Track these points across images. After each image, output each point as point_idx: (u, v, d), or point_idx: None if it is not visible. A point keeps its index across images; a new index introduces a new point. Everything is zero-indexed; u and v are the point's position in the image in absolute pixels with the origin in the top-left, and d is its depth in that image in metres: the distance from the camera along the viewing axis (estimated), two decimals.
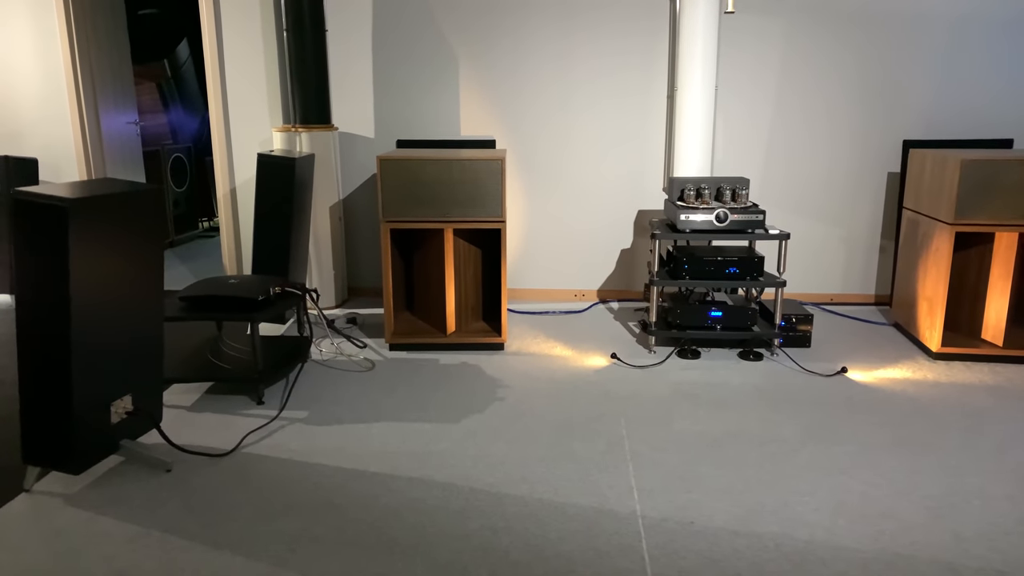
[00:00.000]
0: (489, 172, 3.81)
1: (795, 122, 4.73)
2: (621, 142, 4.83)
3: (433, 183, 3.82)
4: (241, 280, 3.54)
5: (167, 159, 6.78)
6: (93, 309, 2.52)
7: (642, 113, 4.79)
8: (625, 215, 4.93)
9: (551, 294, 5.08)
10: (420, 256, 4.25)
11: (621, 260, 5.00)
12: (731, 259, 3.87)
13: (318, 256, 4.75)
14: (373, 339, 4.23)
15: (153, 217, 2.76)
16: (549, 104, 4.82)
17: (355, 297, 5.13)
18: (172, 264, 6.16)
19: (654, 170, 4.86)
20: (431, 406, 3.32)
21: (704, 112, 4.53)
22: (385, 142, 4.95)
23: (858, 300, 4.94)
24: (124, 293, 2.66)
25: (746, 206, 3.88)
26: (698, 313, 3.92)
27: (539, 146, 4.88)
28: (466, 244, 4.09)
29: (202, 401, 3.39)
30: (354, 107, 4.92)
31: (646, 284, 4.40)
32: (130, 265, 2.67)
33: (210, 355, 3.59)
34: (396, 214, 3.86)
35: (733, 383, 3.57)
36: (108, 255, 2.56)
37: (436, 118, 4.89)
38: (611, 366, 3.79)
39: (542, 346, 4.12)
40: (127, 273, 2.66)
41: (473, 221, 3.86)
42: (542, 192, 4.94)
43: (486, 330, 4.12)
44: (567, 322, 4.56)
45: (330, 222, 4.76)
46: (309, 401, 3.38)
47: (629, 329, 4.41)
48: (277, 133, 4.65)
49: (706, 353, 3.98)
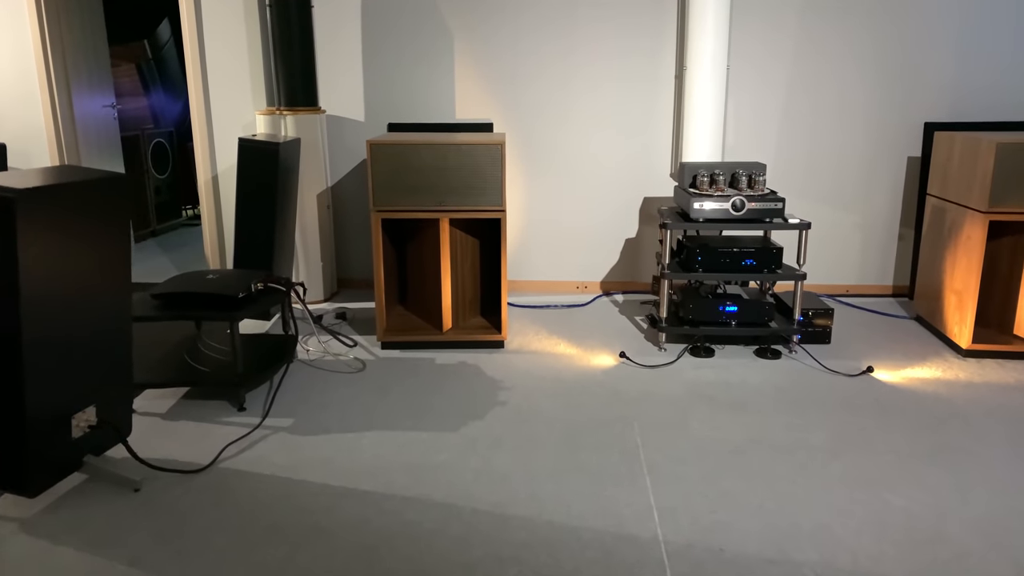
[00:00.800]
0: (488, 157, 3.53)
1: (809, 104, 4.47)
2: (626, 125, 4.56)
3: (427, 169, 3.54)
4: (221, 275, 3.27)
5: (148, 144, 6.47)
6: (48, 309, 2.25)
7: (648, 95, 4.51)
8: (630, 203, 4.67)
9: (552, 286, 4.82)
10: (414, 247, 3.97)
11: (626, 250, 4.74)
12: (748, 250, 3.61)
13: (305, 247, 4.47)
14: (364, 336, 3.96)
15: (118, 207, 2.48)
16: (550, 85, 4.54)
17: (345, 290, 4.86)
18: (153, 255, 5.87)
19: (661, 155, 4.59)
20: (427, 411, 3.06)
21: (715, 94, 4.26)
22: (376, 126, 4.66)
23: (875, 291, 4.70)
24: (85, 291, 2.38)
25: (763, 193, 3.62)
26: (712, 308, 3.67)
27: (539, 129, 4.60)
28: (463, 235, 3.82)
29: (178, 408, 3.13)
30: (343, 88, 4.62)
31: (655, 276, 4.15)
32: (92, 260, 2.39)
33: (187, 357, 3.32)
34: (388, 203, 3.58)
35: (751, 383, 3.32)
36: (65, 250, 2.28)
37: (430, 100, 4.60)
38: (619, 365, 3.54)
39: (545, 343, 3.86)
40: (88, 269, 2.38)
41: (471, 211, 3.59)
42: (542, 178, 4.67)
43: (485, 326, 3.85)
44: (570, 316, 4.31)
45: (318, 211, 4.48)
46: (295, 407, 3.12)
47: (636, 324, 4.16)
48: (261, 116, 4.36)
49: (720, 351, 3.73)
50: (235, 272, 3.33)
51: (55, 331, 2.28)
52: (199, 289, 3.08)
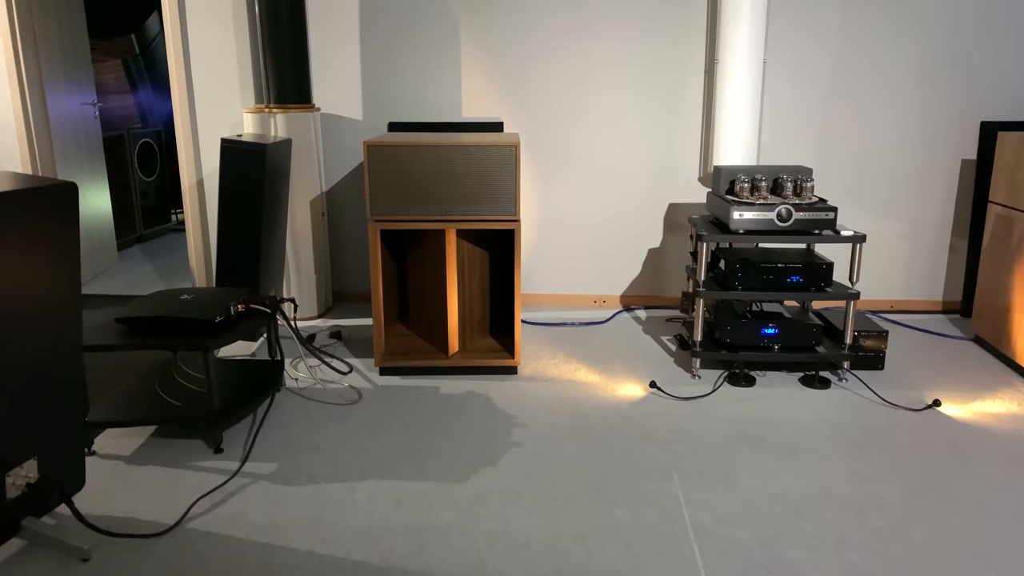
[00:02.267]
0: (500, 160, 3.12)
1: (851, 100, 4.05)
2: (649, 124, 4.15)
3: (432, 174, 3.13)
4: (196, 295, 2.86)
5: (134, 144, 6.07)
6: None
7: (674, 90, 4.10)
8: (653, 209, 4.25)
9: (566, 300, 4.41)
10: (416, 260, 3.56)
11: (648, 261, 4.32)
12: (794, 266, 3.20)
13: (297, 258, 4.06)
14: (361, 359, 3.55)
15: (64, 220, 2.08)
16: (564, 80, 4.13)
17: (341, 304, 4.45)
18: (138, 263, 5.47)
19: (688, 158, 4.18)
20: (431, 455, 2.65)
21: (750, 89, 3.84)
22: (375, 125, 4.25)
23: (923, 307, 4.28)
24: (22, 317, 1.98)
25: (811, 202, 3.21)
26: (752, 330, 3.26)
27: (552, 129, 4.19)
28: (471, 246, 3.41)
29: (146, 449, 2.72)
30: (338, 84, 4.21)
31: (685, 293, 3.73)
32: (32, 281, 1.99)
33: (159, 388, 2.91)
34: (387, 211, 3.17)
35: (803, 420, 2.91)
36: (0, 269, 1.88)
37: (434, 97, 4.19)
38: (649, 396, 3.13)
39: (562, 368, 3.45)
40: (27, 292, 1.98)
41: (481, 220, 3.18)
42: (556, 183, 4.26)
43: (495, 349, 3.44)
44: (588, 335, 3.90)
45: (311, 218, 4.07)
46: (279, 448, 2.71)
47: (663, 345, 3.75)
48: (248, 115, 3.95)
49: (761, 378, 3.32)
50: (213, 291, 2.93)
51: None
52: (169, 313, 2.68)
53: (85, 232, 4.97)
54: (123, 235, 5.88)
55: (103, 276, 5.16)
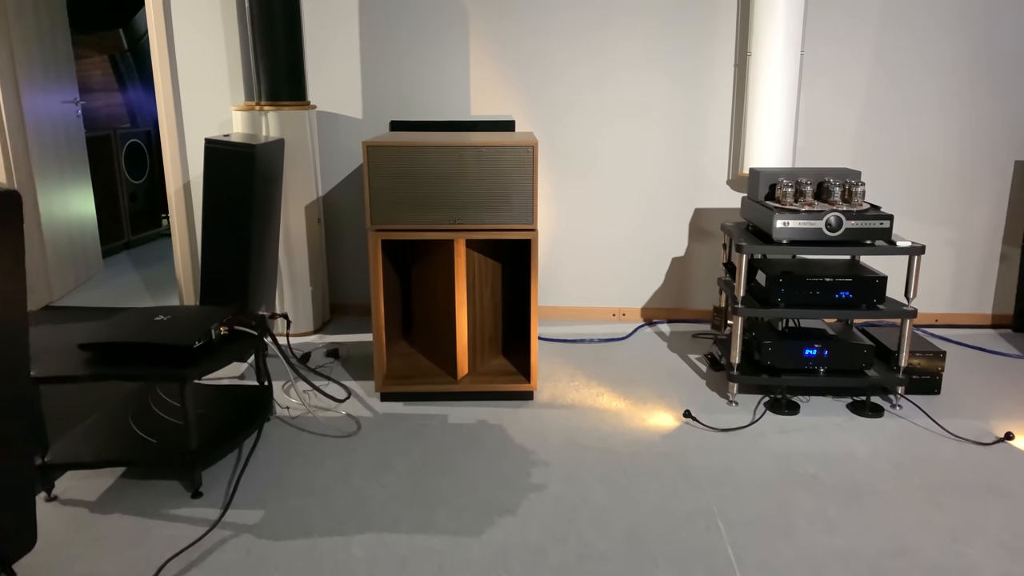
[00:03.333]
0: (515, 162, 2.79)
1: (895, 96, 3.71)
2: (673, 123, 3.81)
3: (439, 178, 2.80)
4: (173, 315, 2.53)
5: (121, 145, 5.74)
6: None
7: (702, 86, 3.76)
8: (677, 215, 3.92)
9: (583, 313, 4.08)
10: (421, 272, 3.23)
11: (672, 271, 3.99)
12: (843, 280, 2.86)
13: (291, 269, 3.73)
14: (360, 381, 3.22)
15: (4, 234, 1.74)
16: (582, 76, 3.79)
17: (339, 318, 4.12)
18: (124, 271, 5.14)
19: (716, 159, 3.84)
20: (439, 501, 2.31)
21: (786, 85, 3.51)
22: (376, 124, 3.92)
23: (971, 321, 3.94)
24: None
25: (863, 209, 2.87)
26: (796, 352, 2.92)
27: (569, 128, 3.86)
28: (482, 258, 3.08)
29: (114, 492, 2.39)
30: (336, 79, 3.88)
31: (716, 308, 3.40)
32: None
33: (132, 421, 2.58)
34: (389, 219, 2.84)
35: (859, 455, 2.57)
36: None
37: (440, 94, 3.86)
38: (684, 426, 2.79)
39: (583, 392, 3.11)
40: None
41: (493, 229, 2.85)
42: (572, 187, 3.92)
43: (509, 372, 3.11)
44: (609, 353, 3.56)
45: (306, 225, 3.74)
46: (267, 491, 2.37)
47: (692, 365, 3.41)
48: (237, 113, 3.62)
49: (805, 404, 2.98)
50: (194, 311, 2.60)
51: None
52: (140, 338, 2.34)
53: (67, 238, 4.64)
54: (109, 241, 5.55)
55: (86, 285, 4.83)
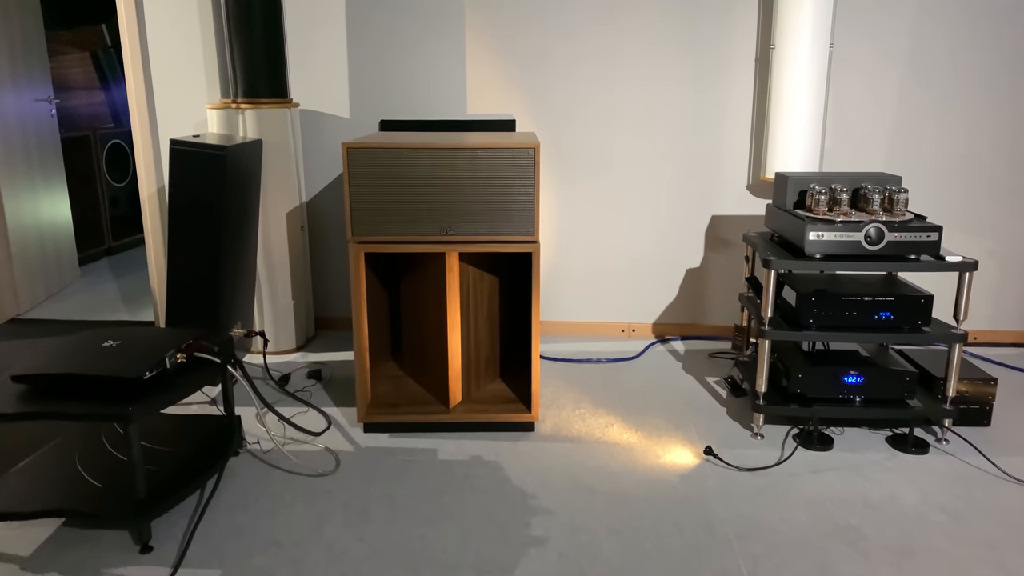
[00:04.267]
0: (515, 166, 2.48)
1: (931, 97, 3.39)
2: (688, 123, 3.49)
3: (429, 183, 2.49)
4: (124, 340, 2.22)
5: (101, 146, 5.44)
6: None
7: (719, 82, 3.44)
8: (692, 223, 3.60)
9: (589, 328, 3.76)
10: (411, 287, 2.92)
11: (687, 283, 3.67)
12: (885, 299, 2.54)
13: (271, 282, 3.42)
14: (343, 408, 2.91)
15: None
16: (588, 72, 3.48)
17: (324, 333, 3.80)
18: (104, 280, 4.84)
19: (734, 162, 3.52)
20: (427, 560, 2.00)
21: (813, 80, 3.19)
22: (364, 123, 3.61)
23: (1013, 339, 3.61)
24: None
25: (906, 219, 2.55)
26: (831, 379, 2.60)
27: (574, 128, 3.54)
28: (477, 271, 2.77)
29: (54, 544, 2.08)
30: (321, 75, 3.57)
31: (738, 327, 3.09)
32: None
33: (79, 461, 2.27)
34: (373, 230, 2.53)
35: (906, 501, 2.25)
36: None
37: (434, 90, 3.55)
38: (704, 465, 2.47)
39: (590, 422, 2.79)
40: None
41: (490, 241, 2.53)
42: (578, 192, 3.61)
43: (507, 399, 2.79)
44: (618, 375, 3.24)
45: (287, 233, 3.43)
46: (227, 543, 2.06)
47: (710, 388, 3.09)
48: (212, 111, 3.32)
49: (838, 437, 2.66)
50: (148, 334, 2.29)
51: None
52: (81, 369, 2.04)
53: (37, 246, 4.34)
54: (88, 248, 5.25)
55: (60, 296, 4.53)
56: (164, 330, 2.35)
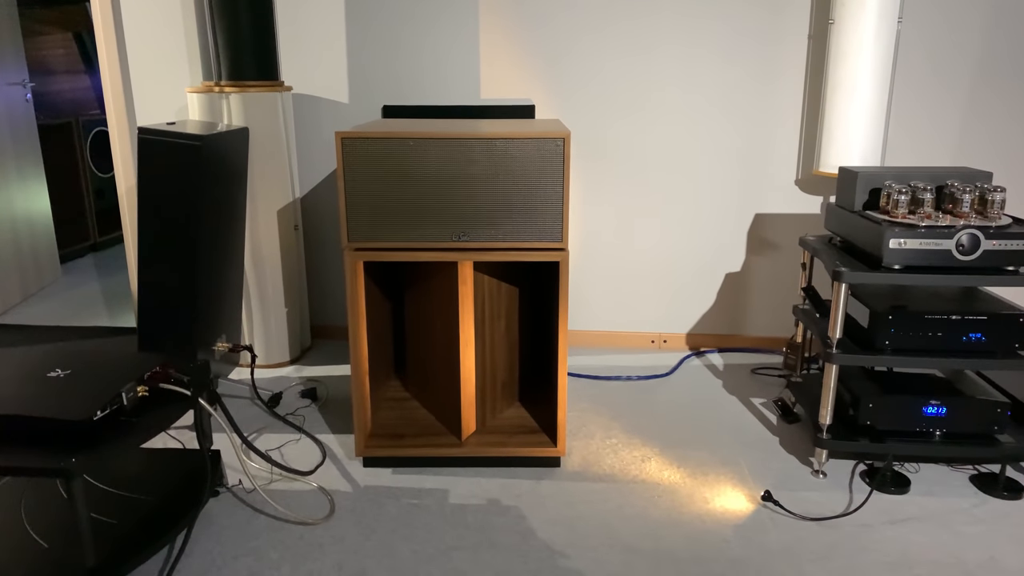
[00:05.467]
0: (540, 159, 2.10)
1: (1013, 83, 2.99)
2: (728, 109, 3.10)
3: (439, 180, 2.11)
4: (75, 368, 1.86)
5: (85, 134, 5.07)
6: None
7: (765, 63, 3.05)
8: (732, 222, 3.21)
9: (616, 339, 3.39)
10: (417, 300, 2.54)
11: (726, 290, 3.29)
12: (975, 317, 2.16)
13: (260, 288, 3.06)
14: (339, 435, 2.55)
15: None
16: (616, 52, 3.09)
17: (321, 343, 3.44)
18: (87, 279, 4.49)
19: (782, 154, 3.13)
20: None
21: (878, 62, 2.79)
22: (366, 109, 3.23)
23: None
24: None
25: (1003, 224, 2.16)
26: (910, 408, 2.23)
27: (601, 117, 3.16)
28: (494, 282, 2.39)
29: None
30: (317, 54, 3.19)
31: (791, 343, 2.71)
32: None
33: (24, 512, 1.92)
34: (372, 235, 2.16)
35: (1010, 565, 1.88)
36: None
37: (444, 72, 3.16)
38: (761, 512, 2.10)
39: (624, 455, 2.43)
40: None
41: (509, 248, 2.16)
42: (605, 188, 3.22)
43: (528, 428, 2.42)
44: (651, 394, 2.87)
45: (279, 233, 3.06)
46: None
47: (757, 412, 2.72)
48: (193, 95, 2.94)
49: (913, 475, 2.29)
50: (106, 360, 1.92)
51: None
52: (16, 409, 1.67)
53: (11, 242, 3.98)
54: (71, 243, 4.89)
55: (37, 298, 4.17)
56: (126, 353, 1.98)
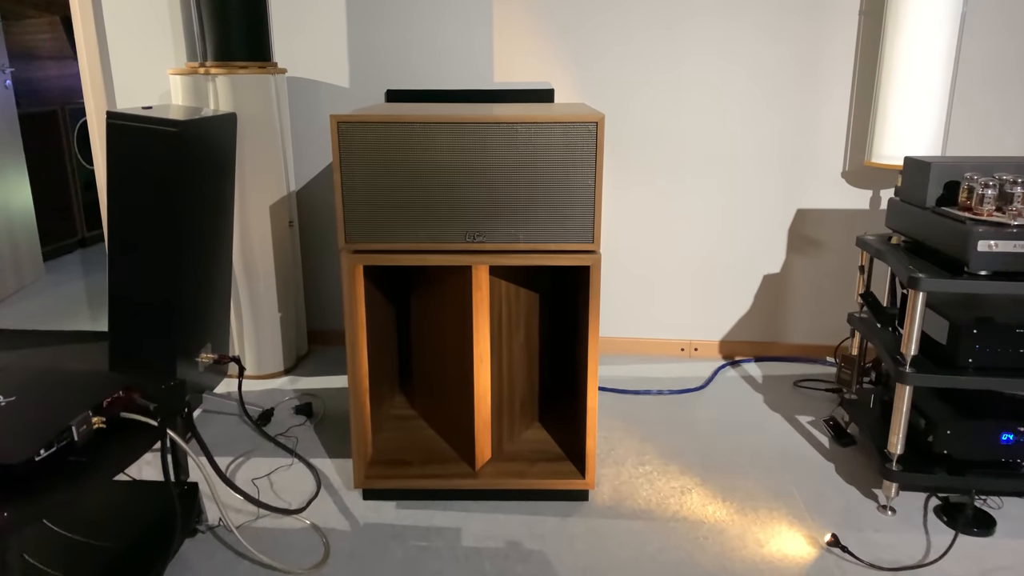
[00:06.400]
0: (569, 148, 1.79)
1: None
2: (769, 92, 2.79)
3: (450, 171, 1.81)
4: (20, 395, 1.57)
5: (72, 123, 4.79)
6: None
7: (810, 41, 2.74)
8: (771, 218, 2.91)
9: (642, 347, 3.09)
10: (425, 307, 2.24)
11: (763, 293, 2.99)
12: None
13: (251, 290, 2.76)
14: (336, 460, 2.26)
15: None
16: (643, 28, 2.78)
17: (319, 349, 3.15)
18: (73, 276, 4.21)
19: (827, 141, 2.83)
20: None
21: (942, 41, 2.48)
22: (368, 94, 2.93)
23: None
24: None
25: None
26: (990, 435, 1.93)
27: (627, 102, 2.85)
28: (512, 287, 2.09)
29: None
30: (313, 35, 2.89)
31: (845, 357, 2.41)
32: None
33: None
34: (373, 234, 1.86)
35: None
36: None
37: (454, 54, 2.86)
38: (825, 558, 1.81)
39: (661, 486, 2.13)
40: None
41: (532, 251, 1.86)
42: (630, 180, 2.92)
43: (551, 455, 2.13)
44: (686, 411, 2.58)
45: (272, 230, 2.77)
46: None
47: (802, 430, 2.42)
48: (176, 78, 2.65)
49: (997, 511, 1.99)
50: (57, 385, 1.63)
51: None
52: None
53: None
54: (57, 240, 4.62)
55: (16, 298, 3.89)
56: (87, 372, 1.69)
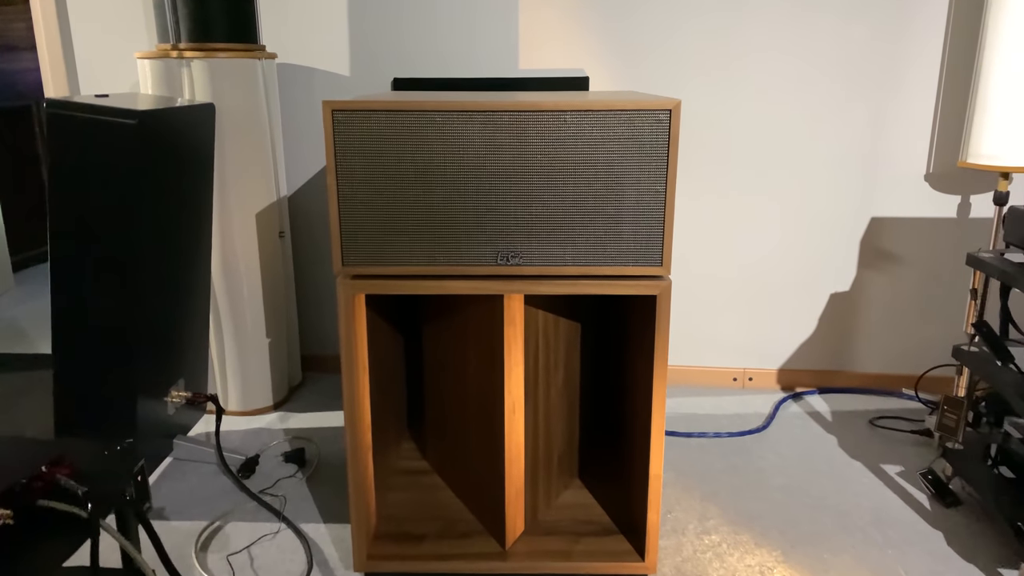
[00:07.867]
0: (632, 143, 1.38)
1: None
2: (841, 82, 2.38)
3: (476, 174, 1.40)
4: None
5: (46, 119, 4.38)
6: None
7: (893, 21, 2.33)
8: (841, 228, 2.50)
9: (689, 376, 2.68)
10: (439, 337, 1.82)
11: (829, 315, 2.57)
12: None
13: (234, 314, 2.35)
14: (334, 526, 1.85)
15: None
16: (691, 11, 2.37)
17: (314, 378, 2.74)
18: (43, 290, 3.81)
19: (908, 140, 2.41)
20: None
21: None
22: (371, 82, 2.52)
23: None
24: None
25: None
26: None
27: (673, 90, 2.44)
28: (551, 318, 1.67)
29: None
30: (309, 14, 2.48)
31: (950, 399, 1.99)
32: None
33: None
34: (378, 255, 1.45)
35: None
36: None
37: (471, 38, 2.45)
38: None
39: (733, 564, 1.72)
40: None
41: (582, 276, 1.45)
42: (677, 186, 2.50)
43: (598, 525, 1.71)
44: (748, 459, 2.16)
45: (259, 242, 2.36)
46: None
47: (891, 483, 2.01)
48: (145, 62, 2.24)
49: None
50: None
51: None
52: None
53: None
54: (29, 248, 4.22)
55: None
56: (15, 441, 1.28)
